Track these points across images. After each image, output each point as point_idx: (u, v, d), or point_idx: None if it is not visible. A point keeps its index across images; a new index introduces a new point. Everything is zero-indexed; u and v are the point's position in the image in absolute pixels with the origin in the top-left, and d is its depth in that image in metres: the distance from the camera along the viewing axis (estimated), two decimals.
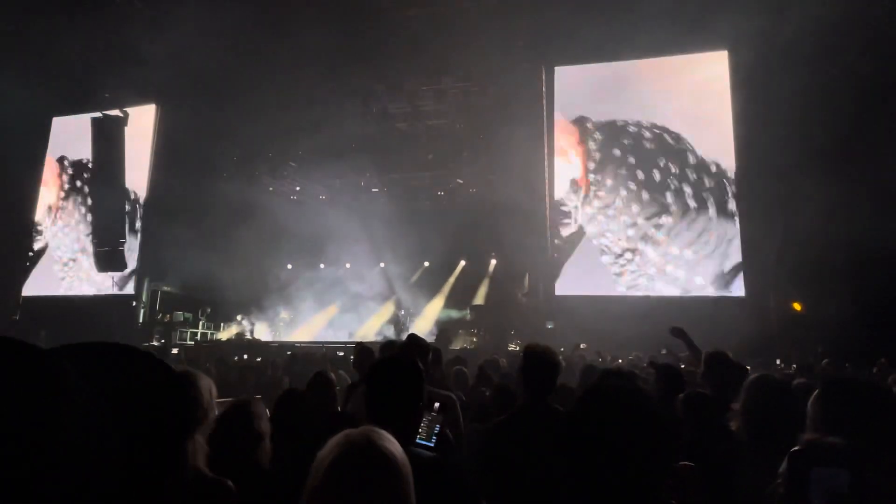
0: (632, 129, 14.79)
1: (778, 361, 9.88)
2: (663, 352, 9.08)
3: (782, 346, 11.30)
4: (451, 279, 19.77)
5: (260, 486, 1.79)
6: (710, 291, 13.42)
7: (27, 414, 0.45)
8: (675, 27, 13.15)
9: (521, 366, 2.65)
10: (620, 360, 8.70)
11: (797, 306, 12.09)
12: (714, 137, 14.17)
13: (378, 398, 1.73)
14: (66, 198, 19.62)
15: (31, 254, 19.50)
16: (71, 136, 19.39)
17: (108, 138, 17.07)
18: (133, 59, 16.31)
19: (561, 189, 15.23)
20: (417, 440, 1.94)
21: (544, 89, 15.63)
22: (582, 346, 10.56)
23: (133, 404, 0.54)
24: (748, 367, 3.74)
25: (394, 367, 1.79)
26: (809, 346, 10.80)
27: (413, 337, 3.57)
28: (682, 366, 7.11)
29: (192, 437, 1.70)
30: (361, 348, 4.47)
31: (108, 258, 17.20)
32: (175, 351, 12.16)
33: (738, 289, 13.32)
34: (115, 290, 17.90)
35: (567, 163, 15.27)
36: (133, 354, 0.62)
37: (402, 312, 17.83)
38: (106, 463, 0.47)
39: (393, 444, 1.16)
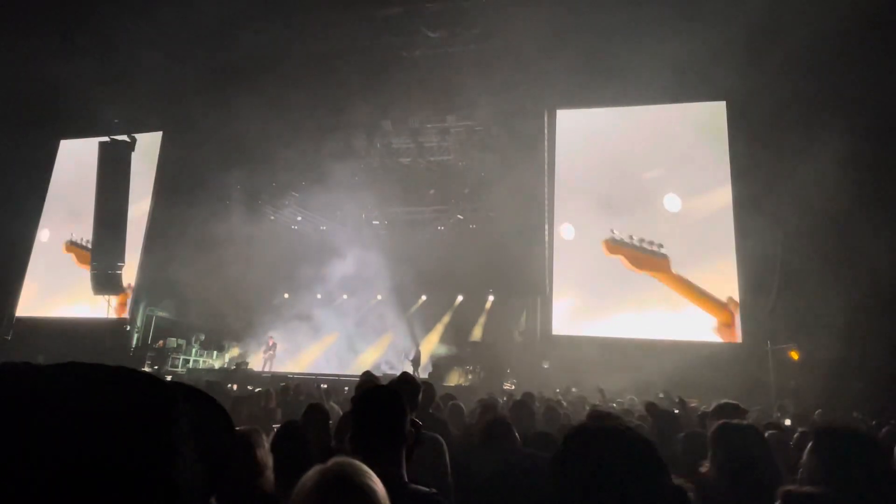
0: (633, 175, 15.04)
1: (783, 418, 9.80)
2: (660, 395, 9.03)
3: (779, 394, 11.23)
4: (448, 314, 19.72)
5: None
6: (708, 337, 13.40)
7: (159, 441, 0.50)
8: (676, 77, 13.53)
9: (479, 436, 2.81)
10: (614, 405, 8.63)
11: (794, 355, 12.07)
12: (711, 186, 14.40)
13: (360, 428, 1.74)
14: (67, 219, 19.66)
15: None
16: (77, 158, 19.60)
17: (114, 162, 17.30)
18: (142, 85, 16.67)
19: (560, 229, 15.37)
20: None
21: (546, 131, 15.95)
22: (573, 389, 10.47)
23: (206, 442, 0.59)
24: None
25: (376, 399, 1.80)
26: (805, 395, 10.75)
27: (405, 375, 3.58)
28: (676, 411, 7.07)
29: None
30: (367, 378, 4.44)
31: (104, 281, 17.18)
32: (168, 378, 12.00)
33: (734, 335, 13.31)
34: (113, 315, 17.75)
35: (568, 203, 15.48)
36: (200, 396, 0.67)
37: (416, 349, 17.58)
38: (189, 489, 0.52)
39: (371, 478, 1.13)
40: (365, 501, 1.09)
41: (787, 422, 7.26)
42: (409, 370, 14.17)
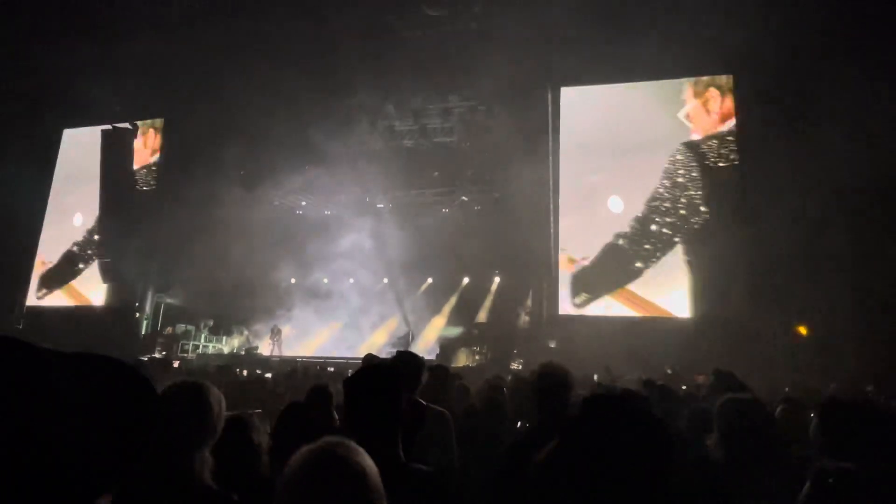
0: (635, 150, 14.86)
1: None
2: (668, 371, 9.04)
3: (787, 370, 11.19)
4: (455, 296, 19.72)
5: (261, 500, 1.78)
6: (715, 314, 13.34)
7: (27, 408, 0.46)
8: (682, 51, 13.28)
9: (537, 386, 2.62)
10: (627, 377, 8.64)
11: (803, 330, 12.00)
12: (719, 159, 14.22)
13: (354, 407, 1.71)
14: (73, 208, 19.73)
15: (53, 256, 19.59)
16: (81, 147, 19.60)
17: (117, 150, 17.30)
18: (143, 73, 16.57)
19: (566, 209, 15.27)
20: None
21: (550, 109, 15.76)
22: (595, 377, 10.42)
23: (107, 407, 0.55)
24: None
25: (367, 377, 1.76)
26: (814, 370, 10.70)
27: (405, 354, 3.51)
28: (684, 387, 7.07)
29: (200, 450, 1.68)
30: (369, 361, 4.42)
31: (112, 269, 17.30)
32: (176, 364, 12.12)
33: (740, 311, 13.23)
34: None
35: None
36: (112, 364, 0.63)
37: (409, 330, 17.70)
38: (81, 455, 0.48)
39: (360, 455, 1.11)
40: (354, 479, 1.06)
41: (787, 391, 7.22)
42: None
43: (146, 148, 19.00)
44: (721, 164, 14.18)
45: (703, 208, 14.13)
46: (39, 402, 0.49)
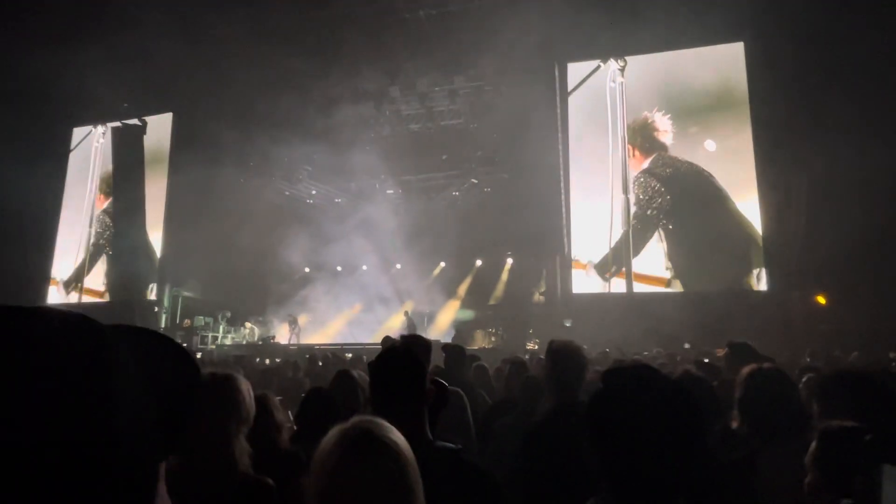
0: (650, 123, 14.69)
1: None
2: (686, 346, 9.01)
3: (807, 340, 11.10)
4: (468, 279, 19.75)
5: (281, 474, 1.84)
6: (734, 286, 13.23)
7: (91, 386, 0.45)
8: (690, 20, 13.01)
9: (548, 365, 2.61)
10: (646, 353, 8.64)
11: (821, 300, 11.87)
12: (732, 131, 13.99)
13: (379, 389, 1.73)
14: (87, 205, 19.95)
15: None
16: (91, 145, 19.75)
17: (128, 146, 17.41)
18: (151, 68, 16.58)
19: (576, 186, 15.16)
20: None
21: (557, 86, 15.56)
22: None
23: (163, 387, 0.55)
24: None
25: (392, 358, 1.79)
26: (834, 340, 10.60)
27: (414, 336, 3.54)
28: (706, 360, 7.04)
29: (238, 438, 1.73)
30: (388, 344, 4.45)
31: (127, 263, 17.51)
32: (198, 355, 12.29)
33: (761, 283, 13.11)
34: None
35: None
36: (166, 342, 0.63)
37: (408, 314, 17.71)
38: (138, 436, 0.47)
39: (393, 433, 1.12)
40: (387, 455, 1.07)
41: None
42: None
43: (156, 142, 19.10)
44: None
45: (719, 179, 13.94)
46: (110, 373, 0.48)
